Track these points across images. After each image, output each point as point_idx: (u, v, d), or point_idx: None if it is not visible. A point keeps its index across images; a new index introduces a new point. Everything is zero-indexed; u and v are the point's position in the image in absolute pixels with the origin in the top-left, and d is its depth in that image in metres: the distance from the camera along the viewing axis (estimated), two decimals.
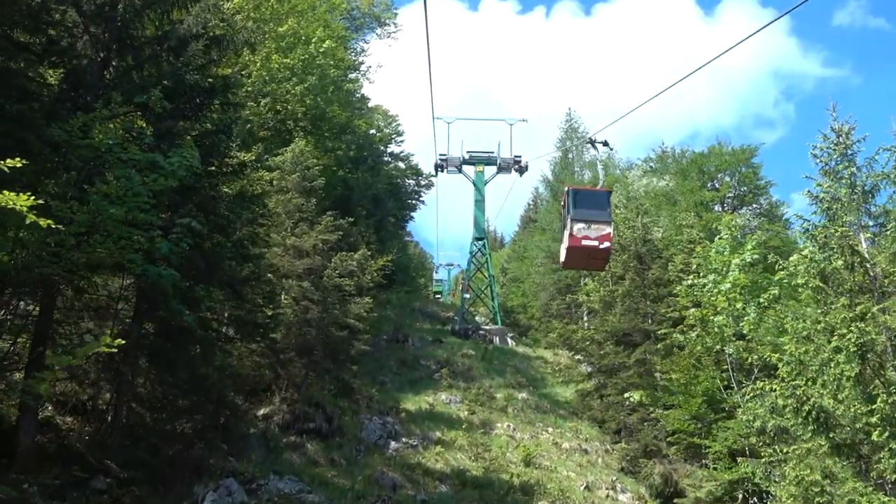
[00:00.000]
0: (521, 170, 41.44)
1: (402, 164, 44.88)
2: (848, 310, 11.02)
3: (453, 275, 63.51)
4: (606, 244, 17.58)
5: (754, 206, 36.36)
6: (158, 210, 10.87)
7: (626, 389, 21.95)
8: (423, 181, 46.53)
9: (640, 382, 21.78)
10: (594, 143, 18.47)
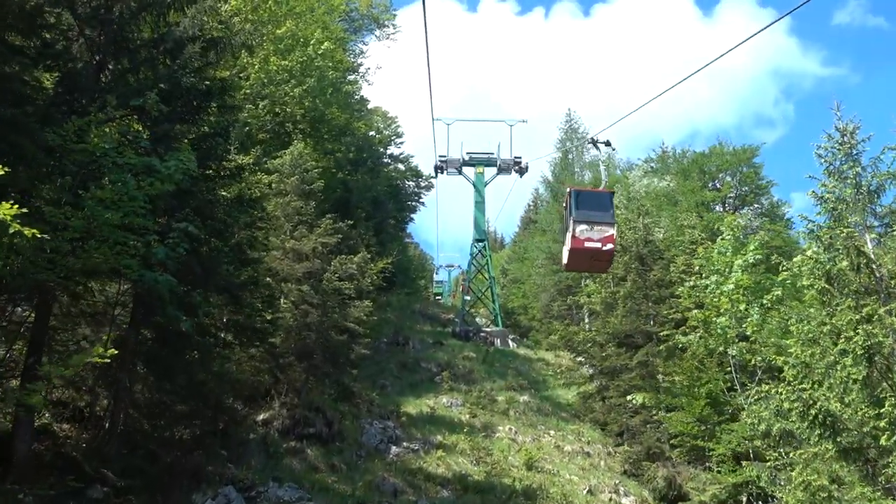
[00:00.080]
0: (522, 171, 41.31)
1: (401, 166, 44.77)
2: (854, 312, 10.90)
3: (453, 276, 63.46)
4: (610, 246, 17.36)
5: (756, 205, 36.21)
6: (155, 215, 10.78)
7: (628, 392, 21.82)
8: (422, 183, 46.43)
9: (642, 385, 21.65)
10: (596, 144, 18.27)
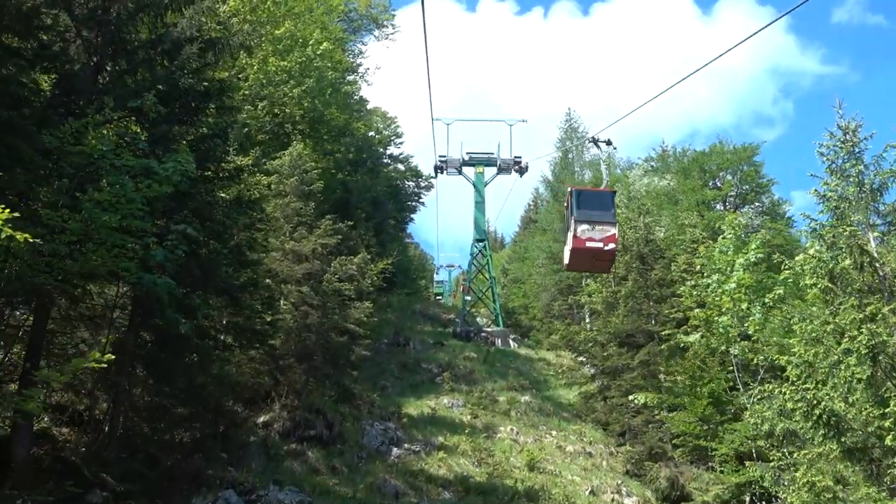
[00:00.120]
0: (522, 170, 41.23)
1: (401, 166, 44.74)
2: (857, 310, 10.82)
3: (454, 276, 63.42)
4: (611, 246, 17.25)
5: (756, 204, 36.15)
6: (153, 217, 10.71)
7: (630, 391, 21.72)
8: (422, 183, 46.42)
9: (644, 384, 21.56)
10: (597, 143, 18.19)
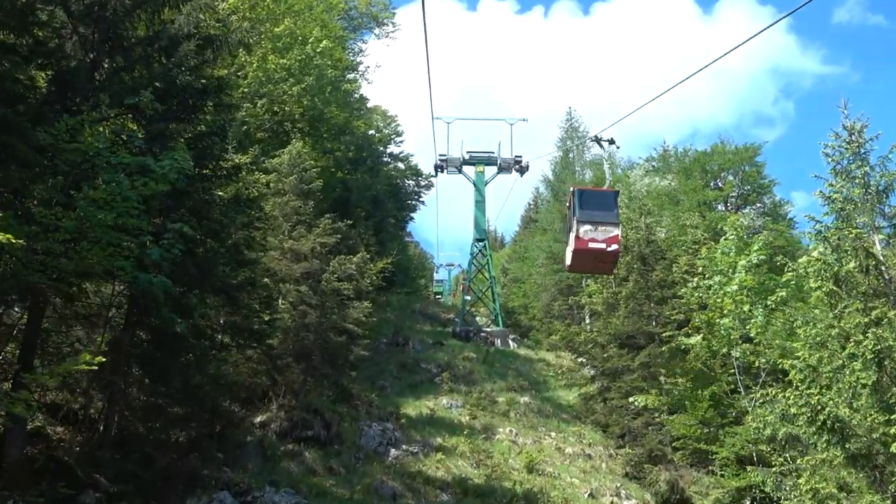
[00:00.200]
0: (522, 170, 41.02)
1: (401, 165, 44.54)
2: (863, 314, 10.70)
3: (454, 275, 63.28)
4: (614, 246, 17.04)
5: (758, 205, 35.98)
6: (149, 215, 10.56)
7: (630, 393, 21.57)
8: (422, 182, 46.20)
9: (644, 386, 21.41)
10: (600, 142, 18.01)
